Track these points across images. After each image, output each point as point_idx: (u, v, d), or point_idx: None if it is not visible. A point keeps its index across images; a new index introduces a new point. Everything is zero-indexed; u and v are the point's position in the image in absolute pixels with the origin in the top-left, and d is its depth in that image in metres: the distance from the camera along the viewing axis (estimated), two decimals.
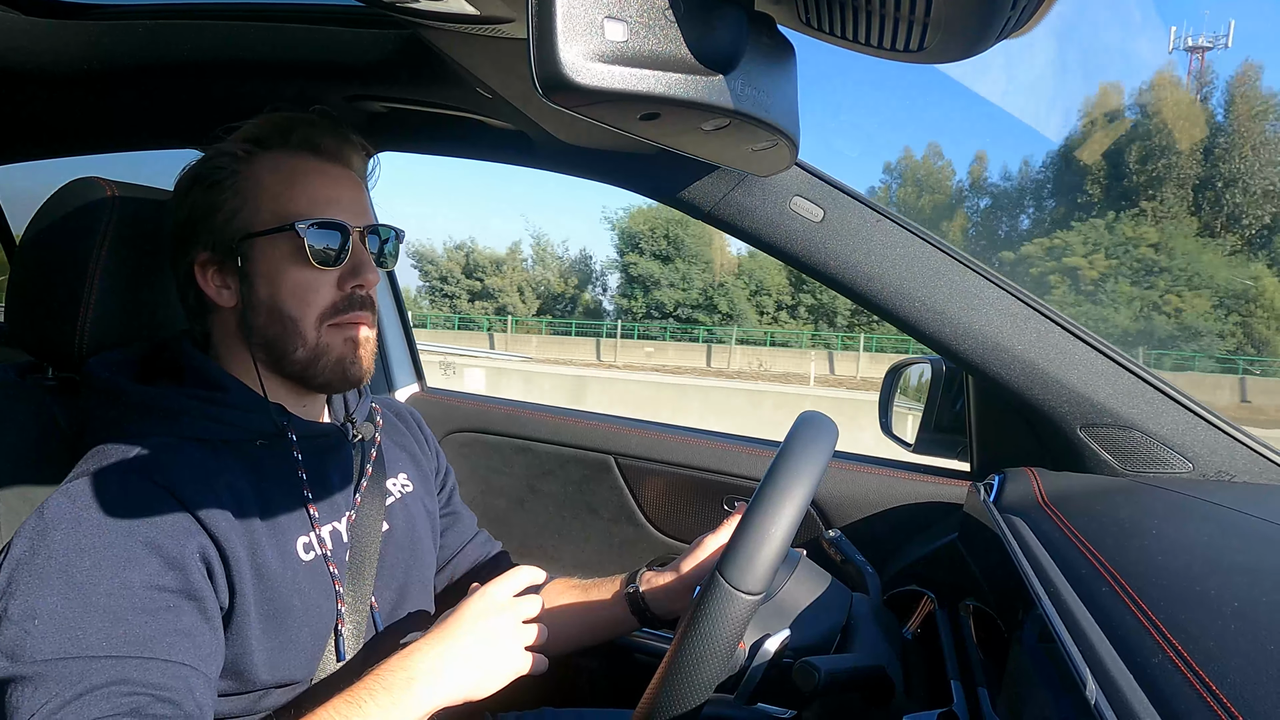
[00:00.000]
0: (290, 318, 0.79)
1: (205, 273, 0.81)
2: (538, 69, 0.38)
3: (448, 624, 0.76)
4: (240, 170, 0.80)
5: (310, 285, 0.79)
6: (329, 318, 0.80)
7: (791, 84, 0.51)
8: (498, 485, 1.54)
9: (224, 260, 0.80)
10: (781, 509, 0.69)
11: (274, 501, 0.78)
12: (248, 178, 0.80)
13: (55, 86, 1.11)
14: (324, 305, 0.80)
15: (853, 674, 0.75)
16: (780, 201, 1.00)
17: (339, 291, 0.81)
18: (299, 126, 0.82)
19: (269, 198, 0.79)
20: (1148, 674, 0.48)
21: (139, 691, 0.61)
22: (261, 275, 0.79)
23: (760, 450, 1.34)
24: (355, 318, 0.82)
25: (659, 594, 0.95)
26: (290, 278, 0.79)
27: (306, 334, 0.80)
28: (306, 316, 0.79)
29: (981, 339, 0.99)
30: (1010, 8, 0.38)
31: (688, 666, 0.68)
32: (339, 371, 0.82)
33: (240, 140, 0.82)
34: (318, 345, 0.80)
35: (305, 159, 0.82)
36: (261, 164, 0.81)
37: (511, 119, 1.04)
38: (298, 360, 0.80)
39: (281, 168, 0.81)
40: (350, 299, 0.81)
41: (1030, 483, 0.94)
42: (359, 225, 0.81)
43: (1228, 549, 0.72)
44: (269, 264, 0.79)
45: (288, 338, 0.80)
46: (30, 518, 0.67)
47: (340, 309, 0.81)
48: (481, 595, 0.78)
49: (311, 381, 0.82)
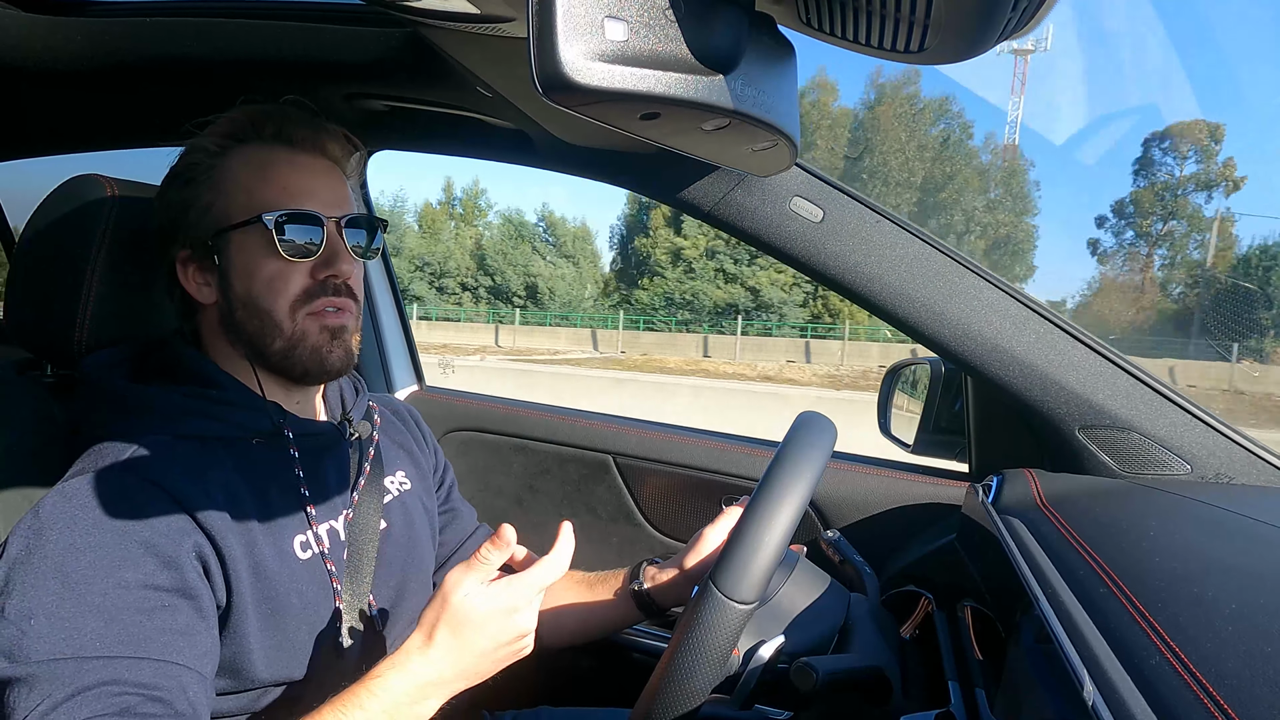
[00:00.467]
0: (264, 309, 0.79)
1: (186, 270, 0.81)
2: (538, 68, 0.38)
3: (444, 627, 0.70)
4: (215, 165, 0.80)
5: (282, 276, 0.78)
6: (302, 305, 0.79)
7: (792, 84, 0.51)
8: (496, 484, 1.54)
9: (203, 257, 0.80)
10: (776, 517, 0.69)
11: (271, 500, 0.78)
12: (222, 172, 0.79)
13: (54, 84, 1.11)
14: (295, 293, 0.79)
15: (851, 675, 0.75)
16: (780, 202, 1.00)
17: (312, 280, 0.80)
18: (271, 118, 0.82)
19: (242, 191, 0.78)
20: (1145, 675, 0.48)
21: (129, 691, 0.61)
22: (237, 270, 0.79)
23: (758, 450, 1.34)
24: (329, 302, 0.80)
25: (663, 588, 0.96)
26: (264, 270, 0.78)
27: (282, 324, 0.79)
28: (279, 306, 0.79)
29: (981, 340, 0.99)
30: (1011, 9, 0.38)
31: (681, 674, 0.68)
32: (316, 360, 0.80)
33: (214, 135, 0.81)
34: (293, 334, 0.79)
35: (277, 150, 0.81)
36: (235, 158, 0.80)
37: (511, 118, 1.03)
38: (276, 351, 0.80)
39: (254, 160, 0.80)
40: (323, 285, 0.80)
41: (1028, 484, 0.94)
42: (334, 215, 0.80)
43: (1225, 551, 0.72)
44: (243, 258, 0.78)
45: (265, 330, 0.79)
46: (26, 516, 0.67)
47: (313, 294, 0.80)
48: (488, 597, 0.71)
49: (291, 372, 0.81)
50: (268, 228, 0.76)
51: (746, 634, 0.79)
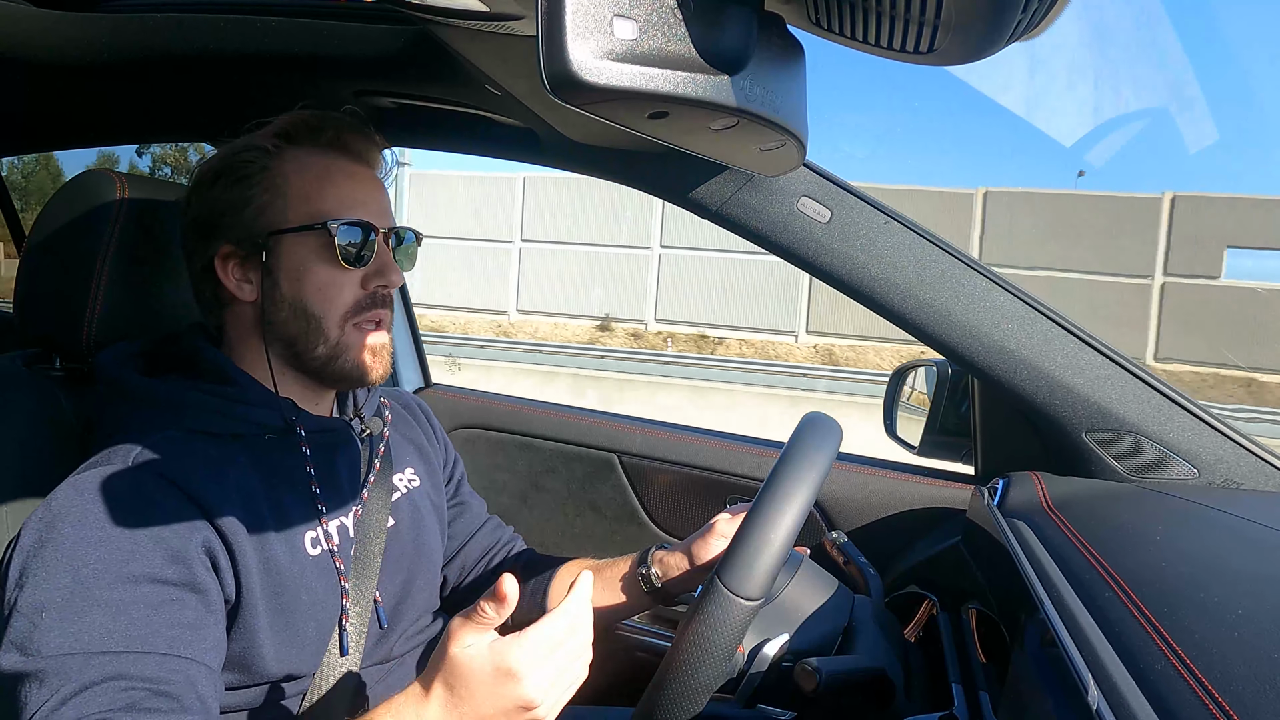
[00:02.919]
0: (314, 315, 0.80)
1: (226, 266, 0.81)
2: (546, 67, 0.38)
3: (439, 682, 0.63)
4: (270, 166, 0.80)
5: (335, 284, 0.80)
6: (352, 316, 0.81)
7: (801, 84, 0.51)
8: (501, 482, 1.54)
9: (248, 255, 0.80)
10: (782, 515, 0.70)
11: (282, 496, 0.78)
12: (277, 173, 0.80)
13: (64, 79, 1.11)
14: (348, 304, 0.81)
15: (854, 675, 0.75)
16: (788, 202, 1.00)
17: (363, 291, 0.81)
18: (330, 125, 0.83)
19: (299, 195, 0.79)
20: (1150, 680, 0.48)
21: (136, 686, 0.61)
22: (286, 271, 0.79)
23: (765, 450, 1.34)
24: (376, 315, 0.82)
25: (671, 573, 0.95)
26: (316, 275, 0.79)
27: (329, 332, 0.80)
28: (330, 314, 0.80)
29: (987, 342, 0.98)
30: (1021, 10, 0.37)
31: (686, 670, 0.68)
32: (356, 371, 0.82)
33: (270, 135, 0.82)
34: (339, 344, 0.81)
35: (335, 158, 0.82)
36: (291, 160, 0.81)
37: (520, 116, 1.04)
38: (318, 357, 0.81)
39: (313, 166, 0.81)
40: (373, 298, 0.82)
41: (1034, 487, 0.94)
42: (384, 227, 0.82)
43: (1232, 556, 0.71)
44: (295, 261, 0.79)
45: (310, 334, 0.80)
46: (39, 509, 0.68)
47: (363, 307, 0.81)
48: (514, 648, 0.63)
49: (328, 379, 0.83)
50: (330, 234, 0.78)
51: (750, 633, 0.79)
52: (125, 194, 0.87)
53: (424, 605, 0.93)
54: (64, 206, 0.88)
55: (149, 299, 0.91)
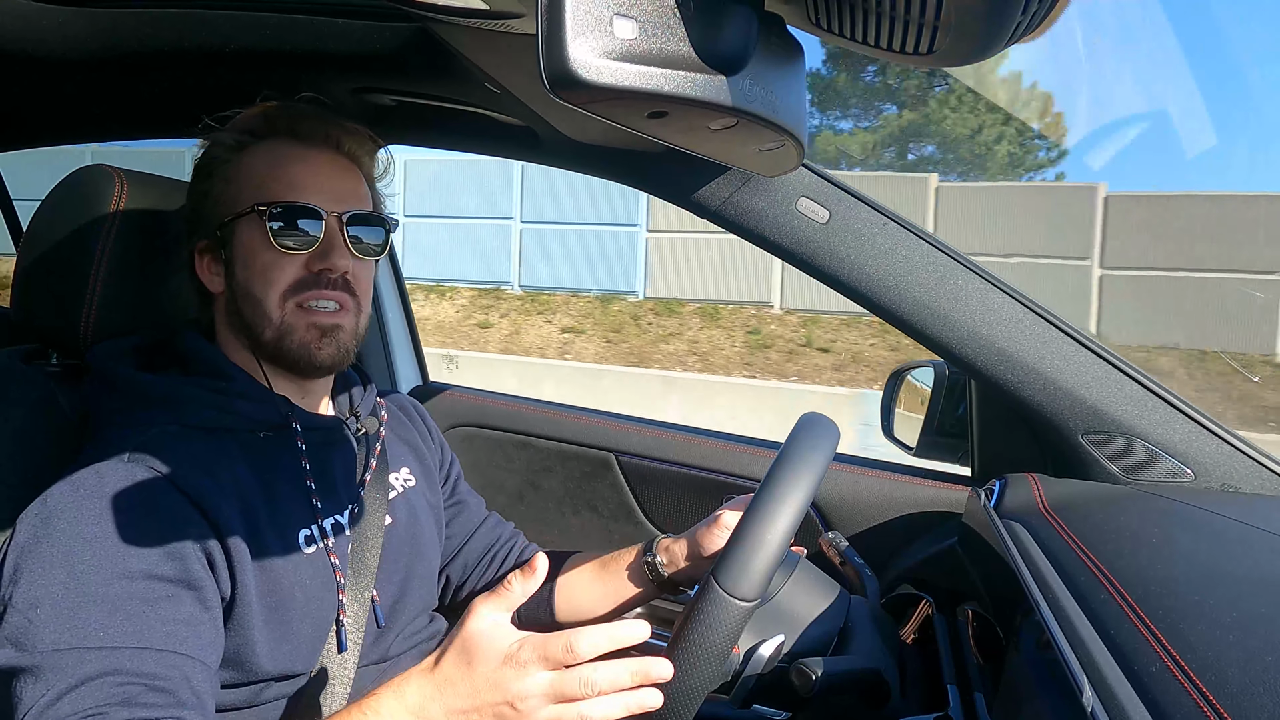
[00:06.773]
0: (255, 297, 0.80)
1: (202, 260, 0.84)
2: (546, 65, 0.38)
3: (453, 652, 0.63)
4: (231, 159, 0.82)
5: (277, 266, 0.79)
6: (291, 295, 0.80)
7: (800, 85, 0.51)
8: (498, 480, 1.54)
9: (215, 248, 0.82)
10: (778, 516, 0.69)
11: (277, 492, 0.78)
12: (236, 167, 0.82)
13: (64, 74, 1.11)
14: (287, 283, 0.79)
15: (849, 676, 0.75)
16: (786, 202, 1.00)
17: (306, 271, 0.80)
18: (284, 114, 0.84)
19: (250, 185, 0.80)
20: (1145, 683, 0.48)
21: (131, 681, 0.61)
22: (239, 260, 0.80)
23: (762, 451, 1.34)
24: (319, 294, 0.80)
25: (677, 562, 0.95)
26: (259, 260, 0.79)
27: (271, 313, 0.79)
28: (270, 295, 0.79)
29: (985, 344, 0.98)
30: (1021, 12, 0.37)
31: (682, 669, 0.68)
32: (304, 354, 0.80)
33: (233, 131, 0.84)
34: (282, 324, 0.80)
35: (286, 144, 0.83)
36: (248, 152, 0.82)
37: (519, 114, 1.03)
38: (268, 341, 0.80)
39: (265, 154, 0.82)
40: (317, 278, 0.80)
41: (1031, 489, 0.94)
42: (337, 209, 0.80)
43: (1228, 559, 0.72)
44: (244, 248, 0.80)
45: (257, 318, 0.80)
46: (34, 504, 0.67)
47: (305, 286, 0.80)
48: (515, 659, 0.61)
49: (283, 363, 0.81)
50: (261, 218, 0.78)
51: (746, 633, 0.79)
52: (124, 190, 0.87)
53: (421, 605, 0.93)
54: (62, 201, 0.88)
55: (146, 295, 0.91)
